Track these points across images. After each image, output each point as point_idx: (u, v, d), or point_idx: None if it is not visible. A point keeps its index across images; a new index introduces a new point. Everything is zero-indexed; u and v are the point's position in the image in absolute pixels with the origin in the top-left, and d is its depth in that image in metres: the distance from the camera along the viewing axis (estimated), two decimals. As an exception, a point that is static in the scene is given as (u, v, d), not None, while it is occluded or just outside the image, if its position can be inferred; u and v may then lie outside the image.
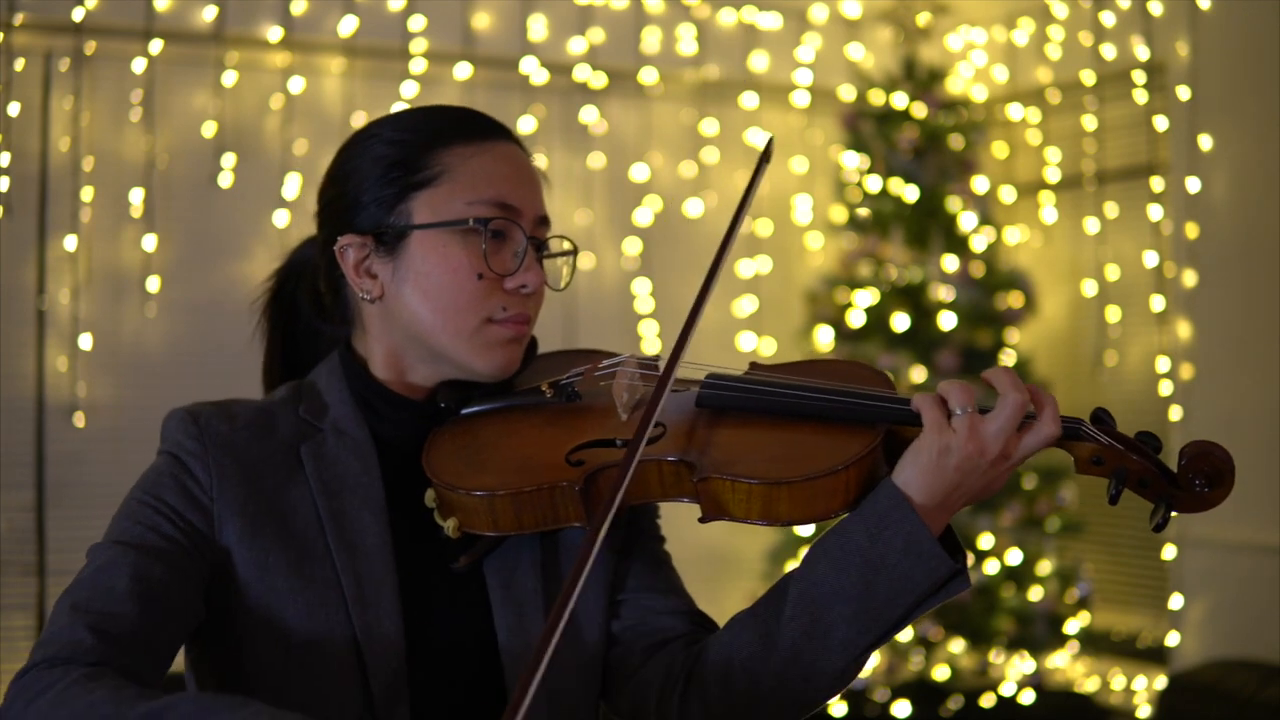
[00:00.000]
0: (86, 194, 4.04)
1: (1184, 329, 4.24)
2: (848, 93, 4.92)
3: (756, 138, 4.95)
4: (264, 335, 1.53)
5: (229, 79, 4.21)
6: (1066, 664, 4.60)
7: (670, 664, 1.38)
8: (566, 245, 1.44)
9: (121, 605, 1.19)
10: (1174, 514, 1.26)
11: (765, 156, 1.40)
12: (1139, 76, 4.40)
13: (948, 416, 1.22)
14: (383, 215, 1.36)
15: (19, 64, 3.98)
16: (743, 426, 1.31)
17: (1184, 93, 4.22)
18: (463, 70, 4.45)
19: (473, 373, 1.38)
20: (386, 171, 1.36)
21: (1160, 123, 4.37)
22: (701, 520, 1.28)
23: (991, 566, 4.43)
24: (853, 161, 4.79)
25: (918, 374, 4.49)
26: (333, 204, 1.41)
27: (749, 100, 4.92)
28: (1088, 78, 4.59)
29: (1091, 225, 4.66)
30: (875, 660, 4.48)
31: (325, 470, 1.35)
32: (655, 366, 1.42)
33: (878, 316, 4.58)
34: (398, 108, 4.91)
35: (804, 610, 1.26)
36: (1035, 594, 4.43)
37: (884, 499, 1.23)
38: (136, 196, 4.10)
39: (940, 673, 4.40)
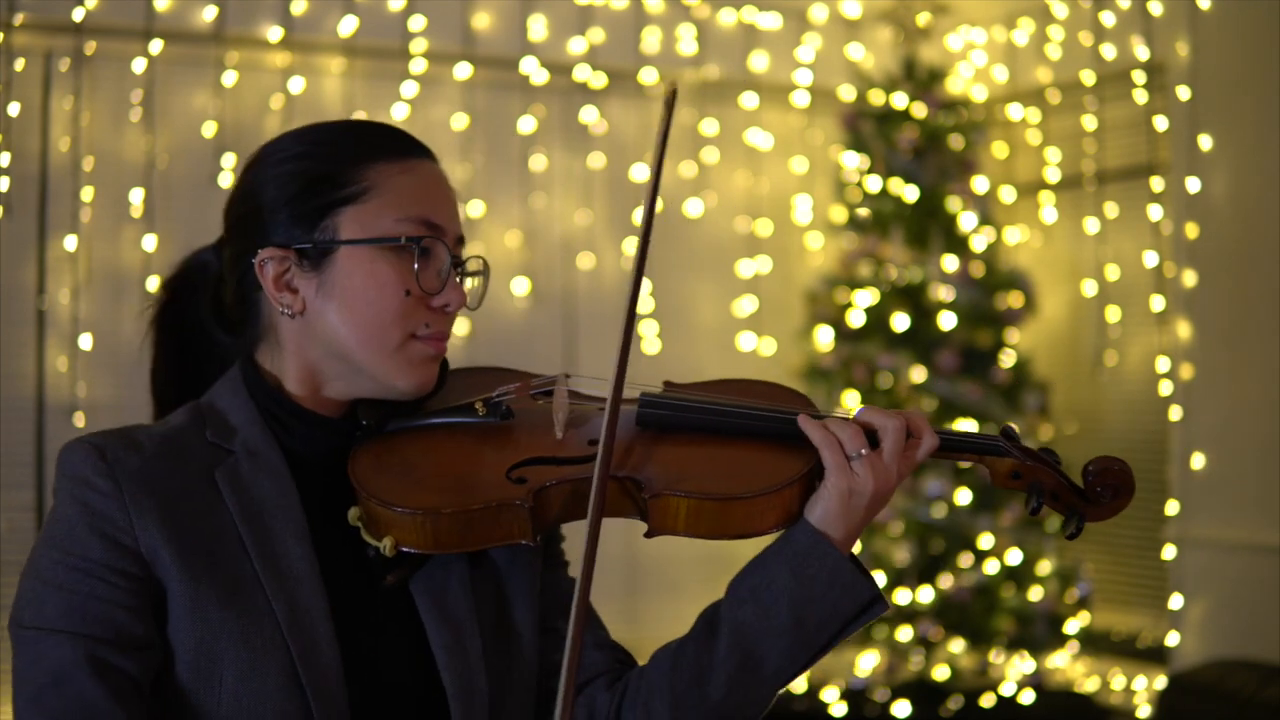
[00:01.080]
0: (86, 194, 4.04)
1: (1184, 329, 4.24)
2: (848, 93, 4.92)
3: (756, 138, 4.95)
4: (153, 348, 1.47)
5: (229, 79, 4.21)
6: (1066, 664, 4.60)
7: (593, 704, 1.40)
8: (479, 265, 1.43)
9: (103, 712, 1.19)
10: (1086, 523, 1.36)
11: (667, 104, 1.40)
12: (1139, 76, 4.40)
13: (847, 458, 1.30)
14: (306, 230, 1.34)
15: (19, 64, 3.98)
16: (684, 444, 1.36)
17: (1184, 93, 4.22)
18: (463, 70, 4.45)
19: (392, 390, 1.36)
20: (309, 185, 1.34)
21: (1160, 123, 4.37)
22: (647, 535, 1.31)
23: (991, 566, 4.43)
24: (853, 161, 4.79)
25: (918, 374, 4.49)
26: (246, 218, 1.37)
27: (749, 100, 4.92)
28: (1088, 78, 4.59)
29: (1091, 225, 4.65)
30: (875, 660, 4.48)
31: (242, 495, 1.31)
32: (587, 382, 1.45)
33: (878, 316, 4.58)
34: (398, 108, 4.84)
35: (736, 648, 1.31)
36: (1035, 594, 4.43)
37: (802, 538, 1.30)
38: (136, 196, 4.10)
39: (940, 673, 4.40)
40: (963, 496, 4.43)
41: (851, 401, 4.55)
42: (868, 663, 4.48)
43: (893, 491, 1.32)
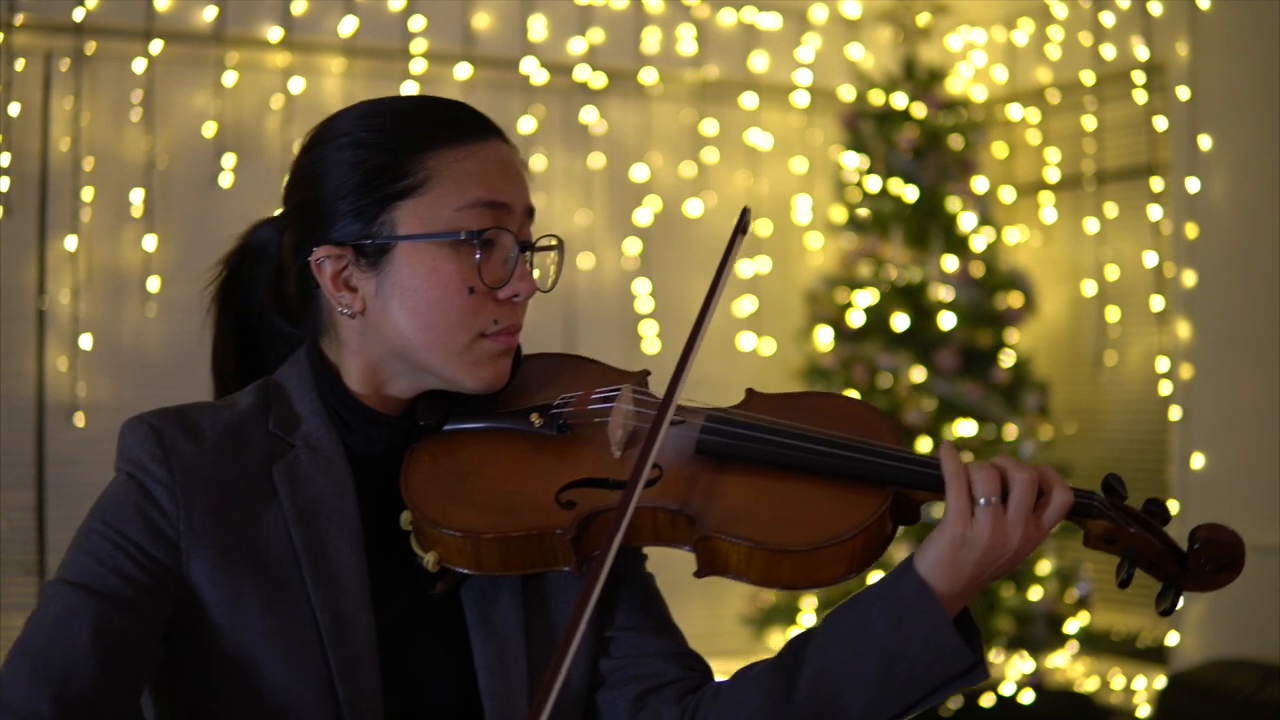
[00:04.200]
0: (86, 194, 4.04)
1: (1184, 329, 4.24)
2: (848, 93, 4.92)
3: (756, 138, 4.95)
4: (214, 324, 1.42)
5: (229, 79, 4.21)
6: (1066, 664, 4.59)
7: (660, 714, 1.32)
8: (552, 241, 1.36)
9: (84, 664, 1.13)
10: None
11: (741, 228, 1.31)
12: (1139, 76, 4.40)
13: (971, 501, 1.19)
14: (363, 226, 1.27)
15: (19, 64, 3.98)
16: (744, 476, 1.25)
17: (1184, 93, 4.22)
18: (463, 70, 4.45)
19: (461, 388, 1.31)
20: (366, 178, 1.28)
21: (1160, 123, 4.37)
22: (697, 575, 1.23)
23: (991, 566, 4.43)
24: (853, 161, 4.79)
25: (918, 374, 4.48)
26: (305, 208, 1.33)
27: (749, 100, 4.92)
28: (1088, 78, 4.59)
29: (1091, 225, 4.66)
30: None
31: (299, 494, 1.27)
32: (651, 400, 1.34)
33: (878, 316, 4.58)
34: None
35: (819, 691, 1.22)
36: (1035, 594, 4.43)
37: (907, 587, 1.21)
38: (136, 196, 4.10)
39: (940, 673, 4.39)
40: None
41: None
42: None
43: (1016, 556, 1.20)
